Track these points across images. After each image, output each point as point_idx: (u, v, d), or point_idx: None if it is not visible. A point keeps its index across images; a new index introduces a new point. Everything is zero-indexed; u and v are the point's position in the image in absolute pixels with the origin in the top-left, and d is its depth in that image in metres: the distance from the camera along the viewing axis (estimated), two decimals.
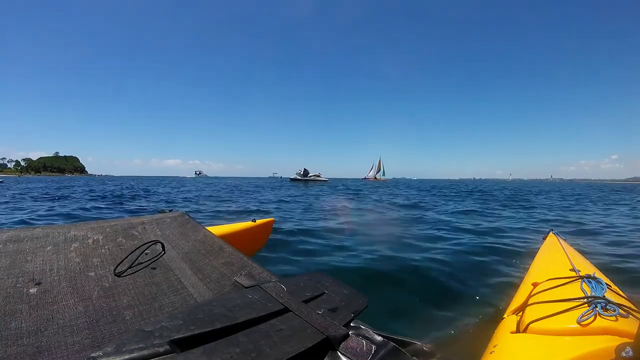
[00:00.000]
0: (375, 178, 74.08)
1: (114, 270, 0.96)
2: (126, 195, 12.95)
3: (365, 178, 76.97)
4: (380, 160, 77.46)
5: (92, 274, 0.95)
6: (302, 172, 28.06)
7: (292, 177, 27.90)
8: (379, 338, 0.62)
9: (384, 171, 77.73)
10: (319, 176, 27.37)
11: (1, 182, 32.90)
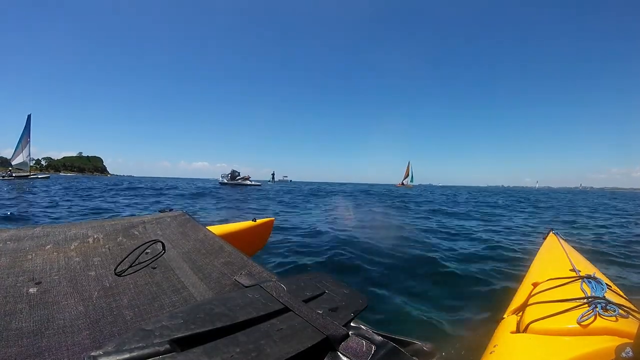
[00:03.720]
0: (403, 184, 70.29)
1: (115, 269, 0.96)
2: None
3: (399, 185, 72.32)
4: (409, 166, 72.76)
5: (93, 273, 0.95)
6: (229, 175, 26.74)
7: (220, 180, 26.89)
8: (379, 338, 0.62)
9: (412, 177, 72.87)
10: (247, 178, 25.84)
11: (48, 177, 35.57)
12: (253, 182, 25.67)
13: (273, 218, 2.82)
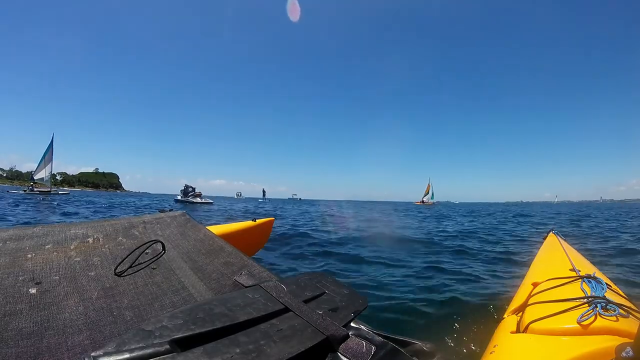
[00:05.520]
0: (423, 202, 67.27)
1: (115, 270, 0.96)
2: None
3: (418, 202, 68.67)
4: (429, 183, 69.84)
5: (93, 273, 0.95)
6: (183, 191, 24.83)
7: (176, 198, 25.29)
8: (379, 338, 0.62)
9: (432, 194, 69.98)
10: (198, 195, 23.87)
11: (68, 193, 36.26)
12: (204, 200, 23.71)
13: (273, 218, 2.82)
